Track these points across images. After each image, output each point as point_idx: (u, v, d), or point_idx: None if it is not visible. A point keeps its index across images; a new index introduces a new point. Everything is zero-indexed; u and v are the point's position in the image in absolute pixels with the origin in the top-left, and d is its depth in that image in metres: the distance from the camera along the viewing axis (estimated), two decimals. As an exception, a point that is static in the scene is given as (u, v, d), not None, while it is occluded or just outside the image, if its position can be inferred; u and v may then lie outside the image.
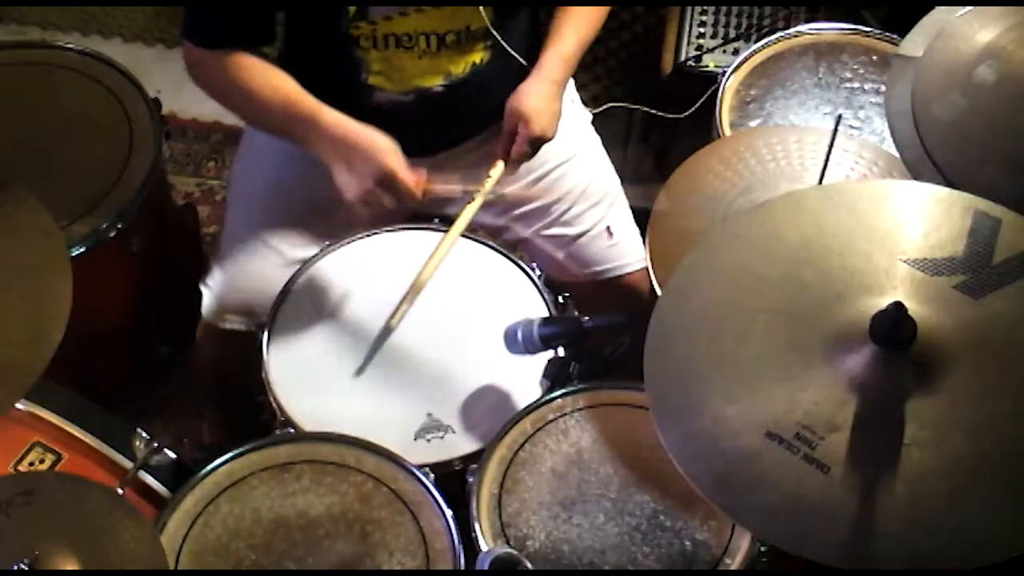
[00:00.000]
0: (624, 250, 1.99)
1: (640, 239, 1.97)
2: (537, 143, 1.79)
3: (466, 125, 1.91)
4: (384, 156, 1.66)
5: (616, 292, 2.00)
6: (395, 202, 1.68)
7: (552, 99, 1.80)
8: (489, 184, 1.78)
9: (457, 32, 1.79)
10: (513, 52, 1.84)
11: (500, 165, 1.78)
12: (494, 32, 1.79)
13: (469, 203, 1.78)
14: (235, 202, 2.02)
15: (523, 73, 1.83)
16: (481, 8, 1.76)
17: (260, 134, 1.99)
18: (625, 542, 1.52)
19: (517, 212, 1.99)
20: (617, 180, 2.05)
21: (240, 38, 1.77)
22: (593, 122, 2.09)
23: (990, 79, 1.50)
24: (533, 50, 1.88)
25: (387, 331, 1.78)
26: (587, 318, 1.68)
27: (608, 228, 1.99)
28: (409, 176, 1.67)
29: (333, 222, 1.90)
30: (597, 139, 2.06)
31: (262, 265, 1.89)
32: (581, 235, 1.99)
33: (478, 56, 1.83)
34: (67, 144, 1.98)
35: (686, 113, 2.18)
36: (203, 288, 1.94)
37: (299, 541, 1.53)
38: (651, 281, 1.74)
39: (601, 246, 1.99)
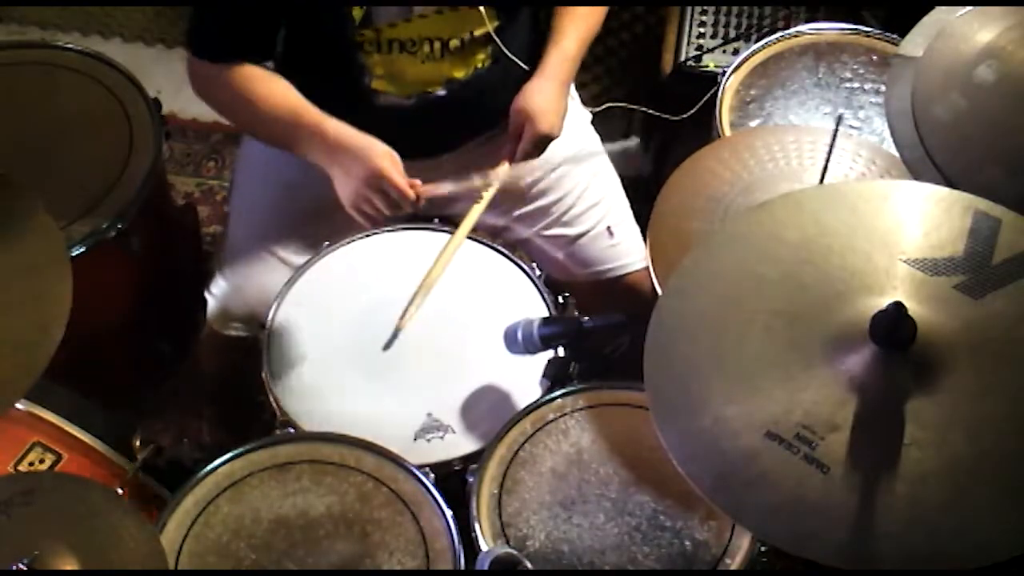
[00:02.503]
0: (625, 250, 1.99)
1: (641, 239, 1.97)
2: (543, 141, 1.79)
3: (467, 128, 1.91)
4: (374, 158, 1.68)
5: (617, 292, 2.00)
6: (388, 206, 1.69)
7: (557, 98, 1.81)
8: (494, 185, 1.79)
9: (461, 38, 1.79)
10: (514, 57, 1.84)
11: (505, 165, 1.80)
12: (496, 38, 1.79)
13: (476, 203, 1.79)
14: (237, 211, 2.02)
15: (525, 76, 1.83)
16: (485, 14, 1.76)
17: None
18: (625, 542, 1.52)
19: (518, 212, 1.99)
20: (618, 180, 2.05)
21: (242, 51, 1.78)
22: (593, 122, 2.09)
23: (990, 79, 1.50)
24: (534, 53, 1.88)
25: (395, 330, 1.78)
26: (587, 318, 1.68)
27: (609, 228, 1.99)
28: (398, 178, 1.68)
29: (336, 228, 1.90)
30: (597, 139, 2.06)
31: (266, 274, 1.89)
32: (582, 235, 1.99)
33: (480, 61, 1.84)
34: (67, 144, 1.97)
35: (685, 115, 2.18)
36: (207, 296, 1.94)
37: (299, 541, 1.53)
38: (651, 281, 1.74)
39: (602, 246, 1.99)
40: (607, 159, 2.05)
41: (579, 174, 1.99)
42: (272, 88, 1.77)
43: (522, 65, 1.85)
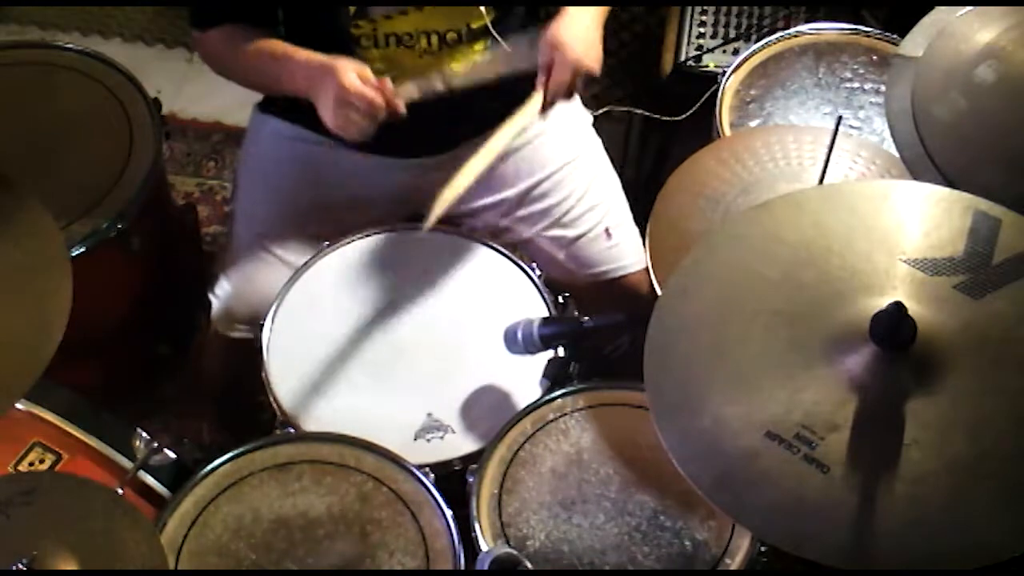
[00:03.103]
0: (623, 251, 1.99)
1: (640, 240, 1.97)
2: (577, 72, 1.71)
3: (468, 123, 1.91)
4: (338, 74, 1.66)
5: (616, 293, 2.00)
6: (364, 116, 1.67)
7: (590, 28, 1.74)
8: (527, 111, 1.72)
9: (458, 31, 1.79)
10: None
11: (538, 96, 1.72)
12: (493, 31, 1.79)
13: (508, 121, 1.73)
14: (240, 212, 2.02)
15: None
16: (482, 7, 1.76)
17: (261, 141, 1.99)
18: (625, 542, 1.52)
19: (519, 214, 1.98)
20: (617, 181, 2.05)
21: (237, 15, 1.80)
22: (593, 123, 2.09)
23: (990, 79, 1.50)
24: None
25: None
26: (587, 318, 1.68)
27: (607, 230, 1.99)
28: (365, 88, 1.65)
29: (339, 226, 1.90)
30: (598, 141, 2.06)
31: (269, 275, 1.89)
32: (580, 237, 1.98)
33: (478, 54, 1.83)
34: (67, 144, 1.97)
35: (683, 116, 2.18)
36: (211, 297, 1.94)
37: (299, 541, 1.53)
38: (651, 282, 1.74)
39: (600, 247, 1.99)
40: (607, 161, 2.05)
41: (579, 176, 1.99)
42: (256, 40, 1.79)
43: None
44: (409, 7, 1.75)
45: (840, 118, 1.54)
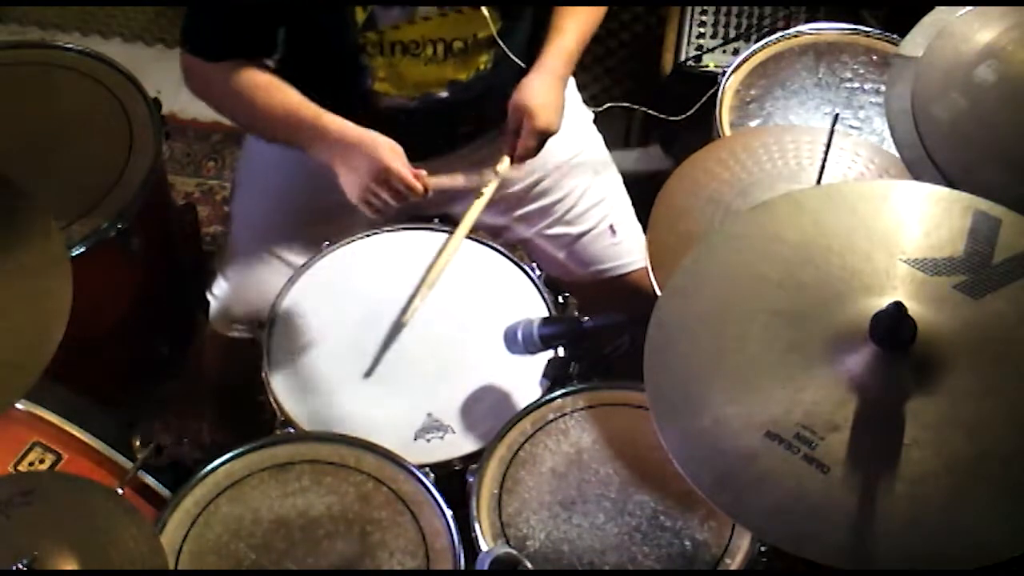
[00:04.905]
0: (627, 248, 1.99)
1: (643, 237, 1.96)
2: (542, 137, 1.79)
3: (469, 129, 1.91)
4: (380, 152, 1.68)
5: (619, 290, 1.99)
6: (396, 198, 1.70)
7: (555, 93, 1.80)
8: (496, 180, 1.80)
9: (464, 40, 1.79)
10: (516, 58, 1.84)
11: (506, 161, 1.80)
12: (499, 41, 1.79)
13: (476, 199, 1.80)
14: (238, 212, 2.03)
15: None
16: (488, 16, 1.76)
17: (260, 143, 1.99)
18: (625, 542, 1.52)
19: (518, 212, 1.98)
20: (619, 178, 2.05)
21: (241, 50, 1.78)
22: (594, 121, 2.09)
23: (990, 79, 1.50)
24: (534, 54, 1.88)
25: (395, 329, 1.78)
26: (587, 318, 1.68)
27: (611, 226, 1.98)
28: (405, 171, 1.69)
29: (336, 228, 1.90)
30: (599, 138, 2.06)
31: (267, 274, 1.89)
32: (584, 234, 1.99)
33: (483, 63, 1.83)
34: (67, 144, 1.97)
35: (684, 116, 2.18)
36: (209, 297, 1.94)
37: (299, 541, 1.53)
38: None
39: (604, 244, 1.99)
40: (609, 158, 2.05)
41: (580, 173, 1.99)
42: (269, 87, 1.77)
43: (523, 65, 1.85)
44: (417, 17, 1.74)
45: (837, 115, 1.54)
